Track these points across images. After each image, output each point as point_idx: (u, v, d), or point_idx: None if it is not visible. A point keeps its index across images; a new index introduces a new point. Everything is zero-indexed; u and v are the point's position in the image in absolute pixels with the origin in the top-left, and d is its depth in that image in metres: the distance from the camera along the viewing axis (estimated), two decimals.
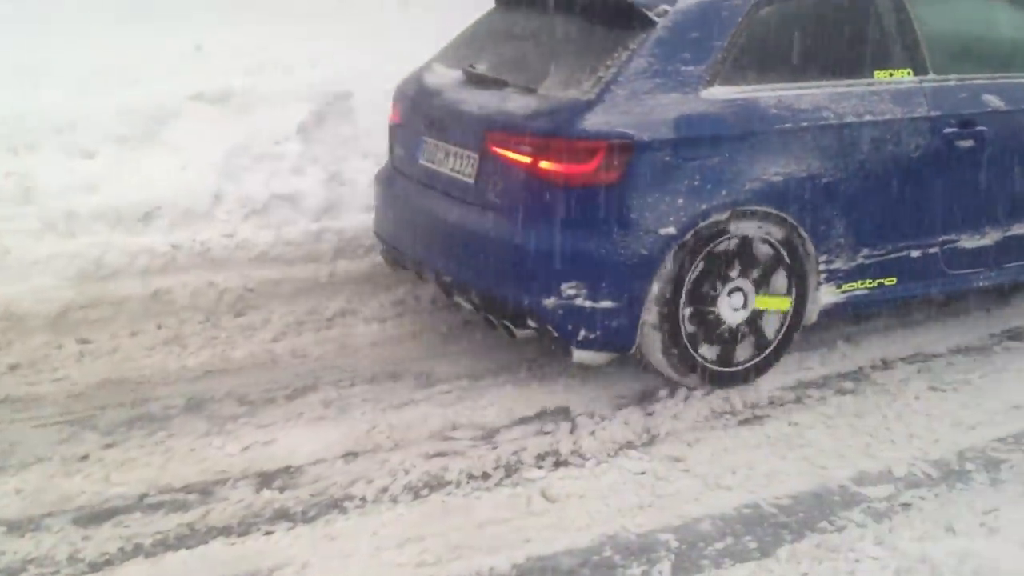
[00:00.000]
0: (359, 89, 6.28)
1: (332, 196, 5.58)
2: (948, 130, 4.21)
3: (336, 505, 3.26)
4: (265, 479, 3.41)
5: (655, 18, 3.82)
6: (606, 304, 3.74)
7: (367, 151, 5.90)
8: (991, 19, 4.66)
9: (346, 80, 6.37)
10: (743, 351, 4.03)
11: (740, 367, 4.04)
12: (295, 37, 7.37)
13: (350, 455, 3.55)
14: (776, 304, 4.02)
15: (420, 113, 4.39)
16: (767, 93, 3.90)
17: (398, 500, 3.29)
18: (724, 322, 3.95)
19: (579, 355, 3.89)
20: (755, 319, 4.01)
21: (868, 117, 4.04)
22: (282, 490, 3.34)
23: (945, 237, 4.33)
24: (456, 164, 4.10)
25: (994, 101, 4.34)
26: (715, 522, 3.21)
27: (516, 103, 3.90)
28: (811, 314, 4.15)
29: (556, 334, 3.83)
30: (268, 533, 3.12)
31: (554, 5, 4.22)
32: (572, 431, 3.73)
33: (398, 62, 6.77)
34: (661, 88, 3.74)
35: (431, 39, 7.73)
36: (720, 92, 3.82)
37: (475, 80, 4.20)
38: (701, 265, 3.83)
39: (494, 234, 3.87)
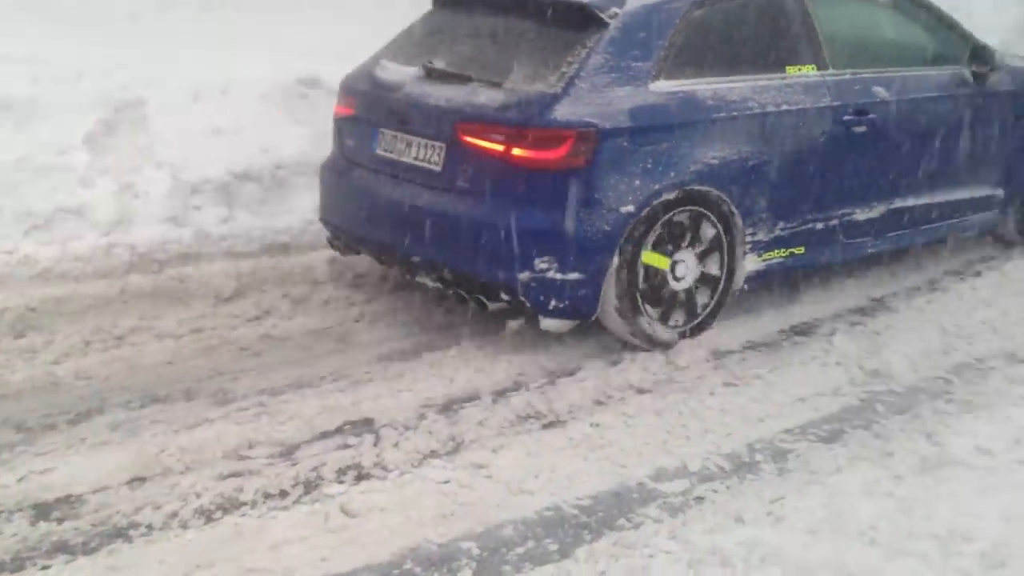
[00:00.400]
0: (154, 96, 6.00)
1: (124, 208, 5.31)
2: (847, 117, 4.82)
3: (120, 534, 3.07)
4: (42, 510, 3.18)
5: (608, 19, 4.24)
6: (574, 276, 4.14)
7: (163, 160, 5.65)
8: (876, 22, 5.34)
9: (139, 87, 6.09)
10: (678, 316, 4.50)
11: (677, 328, 4.49)
12: (82, 42, 6.98)
13: (137, 480, 3.36)
14: (658, 262, 4.36)
15: (377, 106, 4.63)
16: (703, 86, 4.40)
17: (188, 525, 3.13)
18: (668, 288, 4.44)
19: (547, 323, 4.28)
20: (692, 289, 4.52)
21: (784, 107, 4.61)
22: (60, 521, 3.12)
23: (843, 211, 4.93)
24: (420, 153, 4.39)
25: (881, 92, 4.98)
26: (517, 527, 3.20)
27: (484, 96, 4.21)
28: (739, 280, 4.66)
29: (529, 305, 4.19)
30: (45, 568, 2.91)
31: (503, 6, 4.58)
32: (376, 443, 3.65)
33: (195, 68, 6.56)
34: (617, 82, 4.19)
35: (230, 44, 7.54)
36: (665, 85, 4.29)
37: (436, 75, 4.44)
38: (653, 238, 4.29)
39: (467, 216, 4.19)
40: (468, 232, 4.18)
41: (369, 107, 4.67)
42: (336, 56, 4.91)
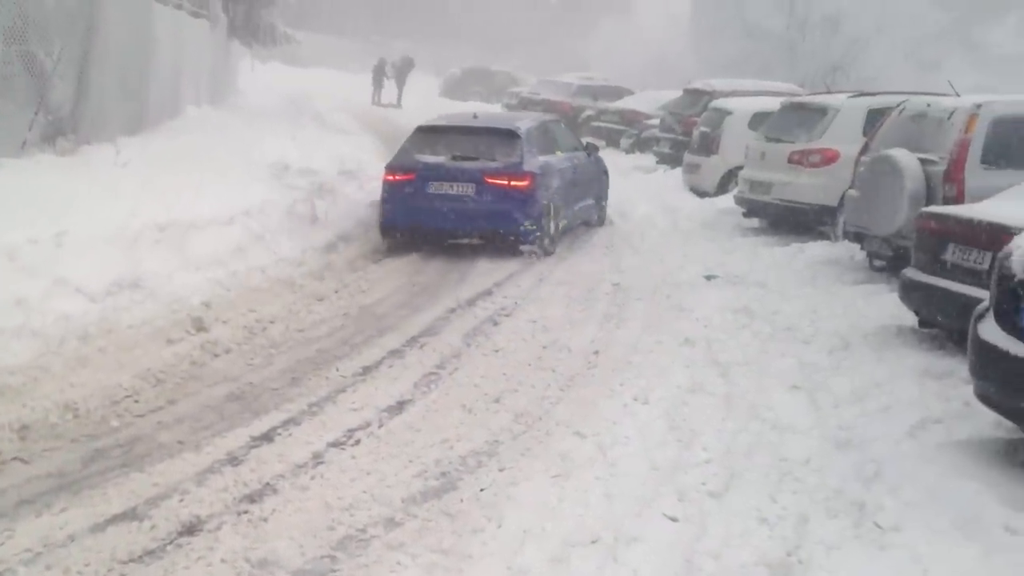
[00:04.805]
0: None
1: None
2: (572, 168, 12.20)
3: None
4: None
5: (520, 135, 11.24)
6: (535, 227, 10.96)
7: None
8: (561, 134, 13.16)
9: None
10: (553, 242, 11.44)
11: (552, 248, 11.40)
12: None
13: None
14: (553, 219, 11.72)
15: (429, 171, 10.98)
16: (547, 158, 11.58)
17: None
18: (551, 231, 11.35)
19: (524, 248, 10.96)
20: (557, 231, 11.57)
21: (562, 165, 11.91)
22: None
23: (576, 204, 12.28)
24: (460, 190, 10.89)
25: (576, 159, 12.59)
26: None
27: (491, 165, 10.99)
28: (561, 230, 11.71)
29: (523, 240, 10.89)
30: None
31: (464, 132, 11.70)
32: None
33: None
34: (531, 156, 11.17)
35: None
36: (541, 158, 11.38)
37: (459, 158, 11.09)
38: (550, 210, 11.32)
39: (494, 209, 10.85)
40: (495, 215, 10.79)
41: (425, 171, 10.95)
42: None
